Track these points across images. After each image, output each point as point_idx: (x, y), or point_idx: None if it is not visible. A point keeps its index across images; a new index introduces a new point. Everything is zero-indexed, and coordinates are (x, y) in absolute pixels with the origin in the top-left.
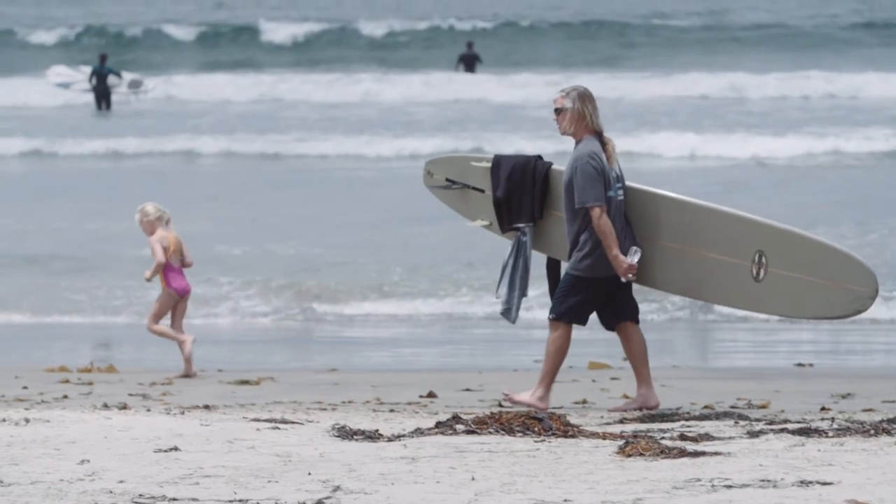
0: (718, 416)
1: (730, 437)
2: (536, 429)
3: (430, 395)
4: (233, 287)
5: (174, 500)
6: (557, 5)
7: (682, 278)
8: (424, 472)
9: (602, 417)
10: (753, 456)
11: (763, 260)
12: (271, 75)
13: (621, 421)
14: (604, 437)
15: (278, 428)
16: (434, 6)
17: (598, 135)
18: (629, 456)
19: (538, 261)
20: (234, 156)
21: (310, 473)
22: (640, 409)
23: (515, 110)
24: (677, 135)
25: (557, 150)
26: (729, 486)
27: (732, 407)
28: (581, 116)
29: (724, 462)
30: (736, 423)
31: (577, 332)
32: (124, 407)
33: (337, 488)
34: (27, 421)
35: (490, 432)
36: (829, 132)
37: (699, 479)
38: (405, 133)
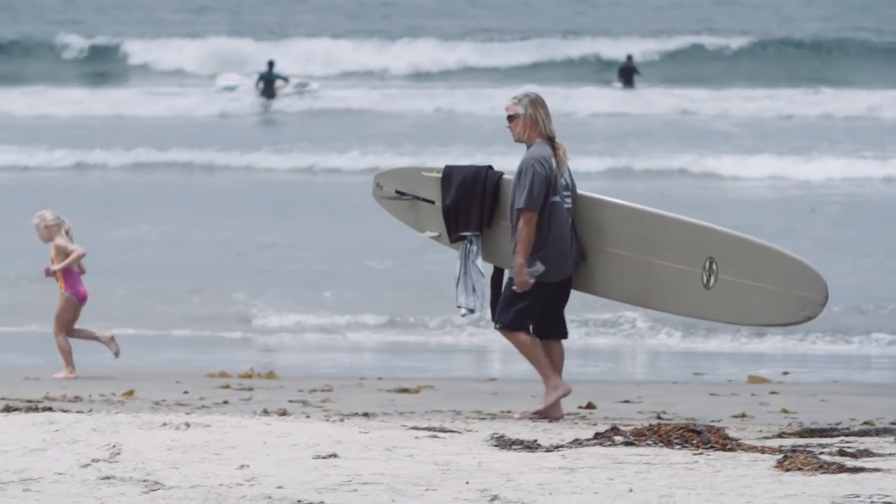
0: (879, 433)
1: (890, 454)
2: (695, 441)
3: (589, 405)
4: (389, 298)
5: None
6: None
7: (630, 286)
8: (582, 483)
9: (761, 431)
10: None
11: (714, 267)
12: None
13: (780, 435)
14: (762, 451)
15: (437, 436)
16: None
17: (550, 140)
18: (787, 470)
19: (487, 268)
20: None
21: (468, 482)
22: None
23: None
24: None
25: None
26: (888, 503)
27: (893, 423)
28: (534, 122)
29: (883, 479)
30: None
31: (733, 344)
32: (284, 413)
33: (495, 497)
34: (188, 425)
35: (648, 444)
36: None
37: (858, 496)
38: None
